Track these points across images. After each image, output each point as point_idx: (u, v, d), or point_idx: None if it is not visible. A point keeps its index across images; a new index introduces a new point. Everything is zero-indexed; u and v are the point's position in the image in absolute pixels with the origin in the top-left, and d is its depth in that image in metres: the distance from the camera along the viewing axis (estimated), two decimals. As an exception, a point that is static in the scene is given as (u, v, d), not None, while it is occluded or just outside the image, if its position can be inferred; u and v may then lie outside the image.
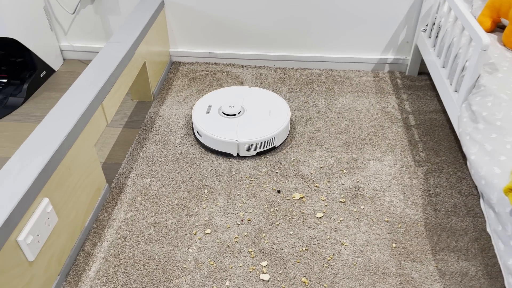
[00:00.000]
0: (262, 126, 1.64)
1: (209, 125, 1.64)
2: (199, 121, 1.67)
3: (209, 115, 1.70)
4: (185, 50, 2.17)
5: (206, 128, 1.63)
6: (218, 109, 1.73)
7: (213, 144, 1.62)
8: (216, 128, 1.63)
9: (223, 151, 1.63)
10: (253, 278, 1.23)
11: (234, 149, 1.60)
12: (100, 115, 1.40)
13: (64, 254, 1.23)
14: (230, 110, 1.70)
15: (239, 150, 1.61)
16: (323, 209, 1.44)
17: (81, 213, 1.31)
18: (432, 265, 1.27)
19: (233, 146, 1.60)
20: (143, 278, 1.23)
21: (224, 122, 1.66)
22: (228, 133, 1.61)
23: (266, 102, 1.78)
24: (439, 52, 1.74)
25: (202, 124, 1.65)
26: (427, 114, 1.85)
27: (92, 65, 1.51)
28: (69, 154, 1.22)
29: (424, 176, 1.56)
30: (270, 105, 1.76)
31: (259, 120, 1.68)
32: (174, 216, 1.41)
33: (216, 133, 1.61)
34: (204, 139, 1.63)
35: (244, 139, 1.58)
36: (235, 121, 1.67)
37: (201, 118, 1.68)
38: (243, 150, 1.61)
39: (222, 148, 1.61)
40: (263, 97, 1.81)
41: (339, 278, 1.23)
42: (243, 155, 1.63)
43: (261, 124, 1.65)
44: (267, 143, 1.62)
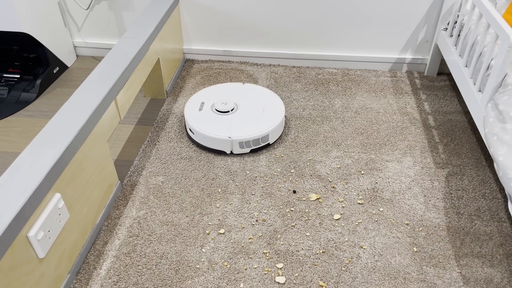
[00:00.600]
0: (256, 123, 1.62)
1: (202, 122, 1.61)
2: (192, 118, 1.63)
3: (202, 112, 1.66)
4: (199, 48, 2.14)
5: (199, 126, 1.59)
6: (211, 106, 1.69)
7: (206, 142, 1.59)
8: (209, 125, 1.60)
9: (216, 149, 1.59)
10: (268, 281, 1.19)
11: (227, 146, 1.57)
12: (113, 110, 1.37)
13: (75, 251, 1.20)
14: (223, 107, 1.66)
15: (233, 148, 1.58)
16: (341, 211, 1.39)
17: (92, 210, 1.28)
18: (456, 271, 1.21)
19: (226, 144, 1.57)
20: (155, 278, 1.19)
21: (217, 119, 1.63)
22: (221, 130, 1.58)
23: (260, 99, 1.75)
24: (461, 51, 1.69)
25: (195, 121, 1.61)
26: (447, 115, 1.79)
27: (106, 60, 1.48)
28: (82, 149, 1.19)
29: (446, 178, 1.50)
30: (265, 102, 1.73)
31: (253, 117, 1.65)
32: (187, 215, 1.37)
33: (209, 130, 1.58)
34: (197, 136, 1.60)
35: (238, 136, 1.55)
36: (228, 118, 1.64)
37: (194, 115, 1.65)
38: (236, 148, 1.58)
39: (215, 145, 1.58)
40: (258, 94, 1.78)
41: (358, 282, 1.18)
42: (237, 153, 1.59)
43: (254, 121, 1.63)
44: (260, 140, 1.59)
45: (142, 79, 1.61)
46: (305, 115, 1.81)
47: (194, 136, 1.61)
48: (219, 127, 1.59)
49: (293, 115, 1.80)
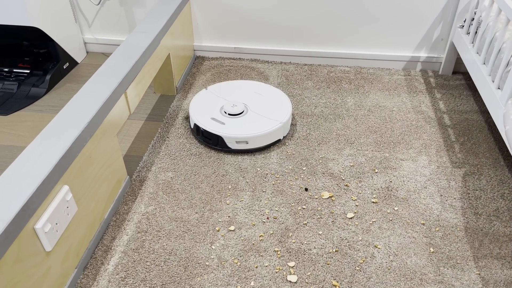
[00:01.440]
0: (276, 108, 1.65)
1: (248, 129, 1.54)
2: (230, 131, 1.53)
3: (226, 124, 1.57)
4: (209, 45, 2.12)
5: (252, 132, 1.53)
6: (220, 115, 1.61)
7: (262, 142, 1.55)
8: (254, 127, 1.56)
9: (273, 141, 1.58)
10: (280, 279, 1.15)
11: (281, 132, 1.59)
12: (123, 104, 1.35)
13: (82, 246, 1.17)
14: (235, 109, 1.61)
15: (284, 131, 1.61)
16: (354, 209, 1.35)
17: (100, 205, 1.25)
18: (474, 273, 1.17)
19: (280, 131, 1.57)
20: (163, 274, 1.16)
21: (247, 121, 1.59)
22: (267, 124, 1.56)
23: (257, 91, 1.74)
24: (479, 49, 1.64)
25: (238, 132, 1.53)
26: (464, 114, 1.75)
27: (116, 53, 1.46)
28: (91, 142, 1.16)
29: (462, 178, 1.46)
30: (261, 91, 1.74)
31: (268, 106, 1.66)
32: (197, 211, 1.34)
33: (260, 130, 1.53)
34: (253, 143, 1.54)
35: (283, 120, 1.58)
36: (249, 115, 1.62)
37: (226, 129, 1.55)
38: (286, 130, 1.62)
39: (273, 138, 1.57)
40: (245, 87, 1.77)
41: (373, 282, 1.14)
42: (284, 136, 1.63)
43: (272, 107, 1.66)
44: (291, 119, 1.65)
45: (152, 74, 1.59)
46: (317, 112, 1.77)
47: (248, 145, 1.54)
48: (263, 125, 1.56)
49: (304, 113, 1.77)
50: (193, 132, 1.63)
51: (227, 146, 1.53)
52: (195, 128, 1.58)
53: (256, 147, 1.54)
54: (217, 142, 1.53)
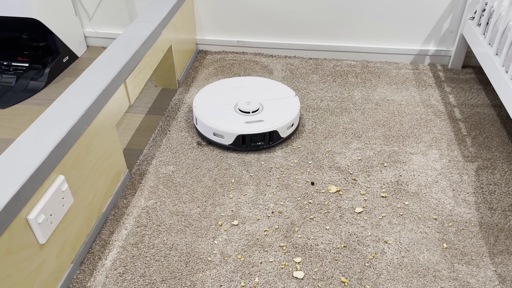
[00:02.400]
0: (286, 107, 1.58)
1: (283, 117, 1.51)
2: (277, 122, 1.49)
3: (251, 123, 1.50)
4: (212, 38, 2.07)
5: (288, 118, 1.50)
6: (235, 107, 1.56)
7: (296, 120, 1.55)
8: (273, 116, 1.52)
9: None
10: (285, 275, 1.10)
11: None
12: (122, 93, 1.30)
13: (79, 240, 1.12)
14: (251, 106, 1.54)
15: None
16: (363, 204, 1.29)
17: (98, 198, 1.20)
18: (490, 269, 1.11)
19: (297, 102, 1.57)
20: (163, 270, 1.11)
21: (276, 110, 1.55)
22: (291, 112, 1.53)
23: (261, 87, 1.69)
24: (491, 40, 1.59)
25: (281, 120, 1.50)
26: (475, 108, 1.69)
27: (116, 42, 1.41)
28: (88, 131, 1.11)
29: (475, 172, 1.40)
30: (268, 87, 1.69)
31: (283, 101, 1.60)
32: (199, 206, 1.29)
33: (291, 111, 1.53)
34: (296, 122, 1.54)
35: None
36: (268, 105, 1.57)
37: (245, 127, 1.47)
38: None
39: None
40: (251, 84, 1.70)
41: (383, 279, 1.09)
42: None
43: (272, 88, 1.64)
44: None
45: (153, 65, 1.54)
46: (323, 106, 1.72)
47: (293, 127, 1.54)
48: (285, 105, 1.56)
49: (310, 106, 1.72)
50: (233, 145, 1.47)
51: (281, 137, 1.50)
52: (239, 139, 1.45)
53: (297, 125, 1.57)
54: (269, 139, 1.47)
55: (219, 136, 1.46)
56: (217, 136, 1.47)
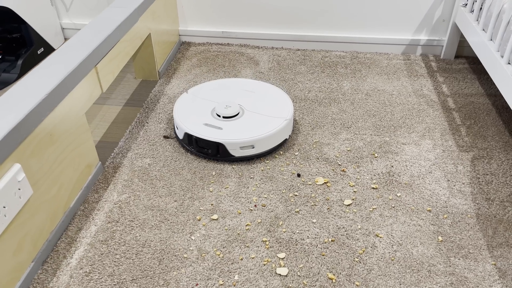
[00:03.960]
0: (276, 106, 1.42)
1: (246, 131, 1.31)
2: (232, 137, 1.29)
3: (224, 129, 1.33)
4: (195, 29, 1.99)
5: (253, 134, 1.29)
6: (211, 118, 1.37)
7: (269, 144, 1.32)
8: (256, 129, 1.32)
9: (280, 143, 1.36)
10: (268, 272, 1.00)
11: (288, 130, 1.39)
12: (93, 79, 1.21)
13: (41, 237, 1.02)
14: (230, 111, 1.37)
15: (290, 130, 1.42)
16: (352, 196, 1.21)
17: (65, 191, 1.11)
18: (489, 263, 1.02)
19: (288, 128, 1.38)
20: (134, 268, 1.01)
21: (245, 122, 1.36)
22: (270, 124, 1.33)
23: (249, 89, 1.52)
24: (484, 25, 1.52)
25: (236, 136, 1.29)
26: (469, 97, 1.62)
27: (89, 26, 1.32)
28: (52, 117, 1.02)
29: (471, 162, 1.32)
30: (257, 90, 1.51)
31: (266, 105, 1.43)
32: (176, 200, 1.20)
33: (266, 131, 1.30)
34: (259, 146, 1.31)
35: (288, 115, 1.38)
36: (248, 116, 1.38)
37: (226, 135, 1.30)
38: (289, 130, 1.41)
39: (280, 139, 1.35)
40: (237, 86, 1.54)
41: (374, 275, 1.00)
42: (290, 134, 1.42)
43: (271, 105, 1.42)
44: None
45: (129, 52, 1.45)
46: (311, 97, 1.64)
47: (253, 150, 1.31)
48: (263, 124, 1.34)
49: (297, 97, 1.63)
50: (183, 143, 1.37)
51: (230, 154, 1.30)
52: (186, 137, 1.33)
53: (263, 151, 1.33)
54: (216, 151, 1.30)
55: (178, 129, 1.36)
56: (176, 130, 1.37)
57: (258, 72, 1.79)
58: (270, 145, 1.33)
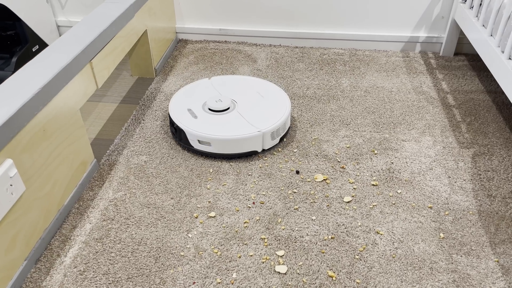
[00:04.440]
0: (268, 111, 1.36)
1: (217, 129, 1.28)
2: (199, 129, 1.28)
3: (199, 119, 1.33)
4: (192, 26, 1.97)
5: (218, 133, 1.26)
6: (201, 110, 1.37)
7: (232, 148, 1.28)
8: (227, 128, 1.29)
9: (247, 151, 1.30)
10: (267, 270, 0.98)
11: (259, 143, 1.29)
12: (88, 75, 1.19)
13: (34, 235, 1.00)
14: (220, 105, 1.36)
15: (264, 143, 1.30)
16: (352, 193, 1.19)
17: (59, 189, 1.08)
18: (492, 260, 1.01)
19: (258, 140, 1.29)
20: (130, 266, 0.99)
21: (225, 120, 1.33)
22: (243, 128, 1.29)
23: (248, 87, 1.49)
24: (484, 21, 1.50)
25: (207, 131, 1.27)
26: (469, 94, 1.60)
27: (83, 21, 1.30)
28: (45, 112, 1.00)
29: (472, 159, 1.30)
30: (256, 88, 1.48)
31: (259, 107, 1.38)
32: (172, 197, 1.17)
33: (233, 133, 1.27)
34: (217, 147, 1.27)
35: (266, 127, 1.28)
36: (233, 114, 1.35)
37: (196, 126, 1.30)
38: (267, 141, 1.31)
39: (246, 147, 1.29)
40: (240, 84, 1.51)
41: (375, 272, 0.98)
42: (268, 148, 1.32)
43: (264, 110, 1.37)
44: (286, 126, 1.36)
45: (125, 48, 1.43)
46: (309, 94, 1.62)
47: (211, 148, 1.28)
48: (237, 126, 1.30)
49: (295, 94, 1.61)
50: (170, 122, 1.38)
51: (190, 144, 1.30)
52: (168, 117, 1.35)
53: (222, 153, 1.28)
54: (180, 137, 1.31)
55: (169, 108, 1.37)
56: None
57: (256, 69, 1.77)
58: (231, 150, 1.28)
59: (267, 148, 1.32)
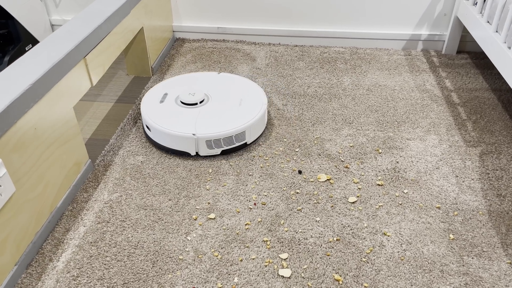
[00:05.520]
0: (230, 118, 1.29)
1: (162, 117, 1.28)
2: (150, 112, 1.29)
3: (163, 104, 1.33)
4: (190, 25, 1.93)
5: (158, 121, 1.26)
6: (176, 97, 1.37)
7: (165, 141, 1.26)
8: (171, 120, 1.27)
9: (178, 149, 1.26)
10: (270, 274, 0.94)
11: (192, 146, 1.24)
12: (81, 71, 1.14)
13: (25, 238, 0.95)
14: (190, 99, 1.33)
15: (198, 148, 1.25)
16: (357, 193, 1.15)
17: (51, 190, 1.03)
18: (505, 262, 0.96)
19: (190, 143, 1.23)
20: (126, 271, 0.94)
21: (182, 114, 1.30)
22: (185, 126, 1.25)
23: (237, 90, 1.42)
24: (489, 17, 1.47)
25: (153, 115, 1.28)
26: (473, 92, 1.57)
27: (78, 17, 1.26)
28: (36, 110, 0.95)
29: (479, 157, 1.26)
30: (242, 93, 1.41)
31: (226, 111, 1.32)
32: (170, 198, 1.13)
33: (170, 126, 1.25)
34: (154, 134, 1.27)
35: (205, 134, 1.22)
36: (196, 111, 1.31)
37: (153, 108, 1.31)
38: (203, 148, 1.24)
39: (177, 145, 1.25)
40: (234, 85, 1.46)
41: (383, 276, 0.93)
42: (204, 154, 1.26)
43: (228, 116, 1.30)
44: (234, 139, 1.26)
45: (120, 45, 1.38)
46: (310, 92, 1.58)
47: (151, 134, 1.28)
48: (183, 123, 1.26)
49: (296, 93, 1.57)
50: None
51: (147, 127, 1.29)
52: None
53: (159, 143, 1.27)
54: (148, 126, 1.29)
55: None
56: None
57: (255, 68, 1.73)
58: (165, 142, 1.26)
59: (203, 154, 1.26)
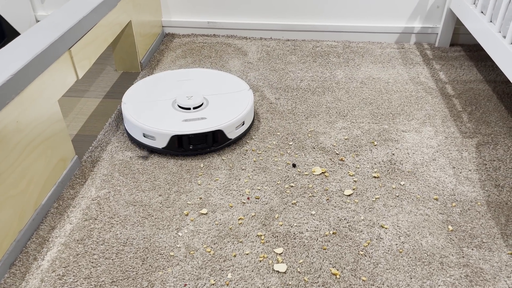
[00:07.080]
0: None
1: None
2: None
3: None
4: (179, 20, 1.89)
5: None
6: (173, 102, 1.30)
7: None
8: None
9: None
10: (265, 269, 0.90)
11: None
12: (66, 64, 1.10)
13: (7, 237, 0.90)
14: (187, 102, 1.27)
15: None
16: (353, 186, 1.12)
17: (35, 186, 0.99)
18: (505, 253, 0.94)
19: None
20: (114, 269, 0.90)
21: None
22: None
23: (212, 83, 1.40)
24: (483, 7, 1.45)
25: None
26: (468, 84, 1.55)
27: (62, 8, 1.21)
28: (18, 101, 0.91)
29: (476, 148, 1.24)
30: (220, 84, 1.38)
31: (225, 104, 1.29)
32: (160, 194, 1.09)
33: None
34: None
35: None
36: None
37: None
38: None
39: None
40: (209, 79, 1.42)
41: (381, 269, 0.90)
42: None
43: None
44: None
45: (107, 38, 1.34)
46: (303, 86, 1.55)
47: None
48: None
49: (289, 87, 1.54)
50: (165, 151, 1.21)
51: (228, 138, 1.22)
52: (173, 141, 1.17)
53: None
54: (213, 139, 1.20)
55: (150, 137, 1.19)
56: (148, 138, 1.20)
57: (247, 62, 1.70)
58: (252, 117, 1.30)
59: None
